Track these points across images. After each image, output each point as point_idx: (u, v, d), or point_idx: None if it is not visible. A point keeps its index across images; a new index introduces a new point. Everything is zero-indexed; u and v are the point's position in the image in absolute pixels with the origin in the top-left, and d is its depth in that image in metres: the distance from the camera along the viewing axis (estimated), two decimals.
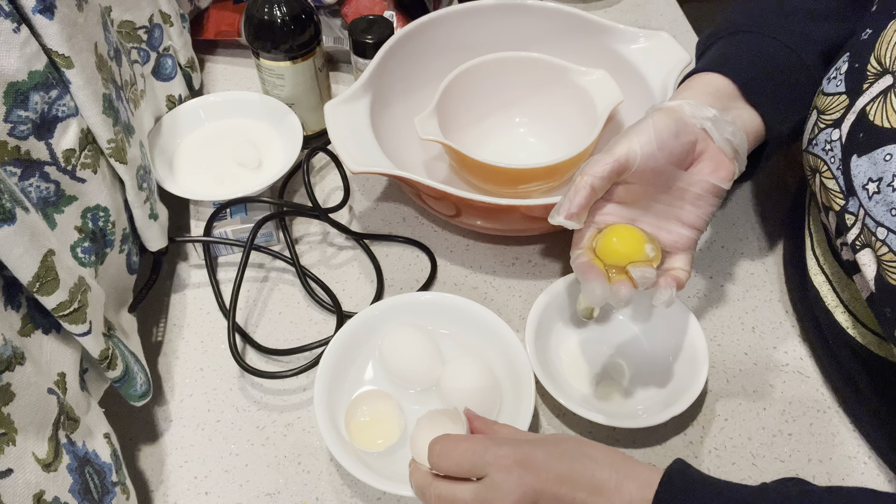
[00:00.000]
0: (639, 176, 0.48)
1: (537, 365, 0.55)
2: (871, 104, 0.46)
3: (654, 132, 0.47)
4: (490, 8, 0.74)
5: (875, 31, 0.48)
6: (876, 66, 0.47)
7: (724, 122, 0.49)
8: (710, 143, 0.49)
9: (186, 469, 0.56)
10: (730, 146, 0.49)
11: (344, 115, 0.65)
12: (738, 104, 0.52)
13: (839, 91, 0.50)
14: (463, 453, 0.44)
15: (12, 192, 0.40)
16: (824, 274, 0.57)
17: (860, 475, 0.55)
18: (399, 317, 0.59)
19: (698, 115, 0.49)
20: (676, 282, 0.48)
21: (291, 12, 0.68)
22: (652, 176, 0.48)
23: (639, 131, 0.48)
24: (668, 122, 0.48)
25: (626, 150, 0.47)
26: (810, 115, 0.53)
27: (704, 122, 0.49)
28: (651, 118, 0.48)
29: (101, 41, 0.54)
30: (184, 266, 0.69)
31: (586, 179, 0.47)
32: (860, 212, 0.46)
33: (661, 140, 0.47)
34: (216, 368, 0.62)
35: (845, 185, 0.48)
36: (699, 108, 0.49)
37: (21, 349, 0.40)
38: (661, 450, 0.56)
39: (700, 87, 0.52)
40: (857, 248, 0.47)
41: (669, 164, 0.48)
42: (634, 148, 0.47)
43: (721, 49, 0.56)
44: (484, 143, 0.75)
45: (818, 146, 0.51)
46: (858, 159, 0.46)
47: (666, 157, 0.48)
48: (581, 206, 0.47)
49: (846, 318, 0.54)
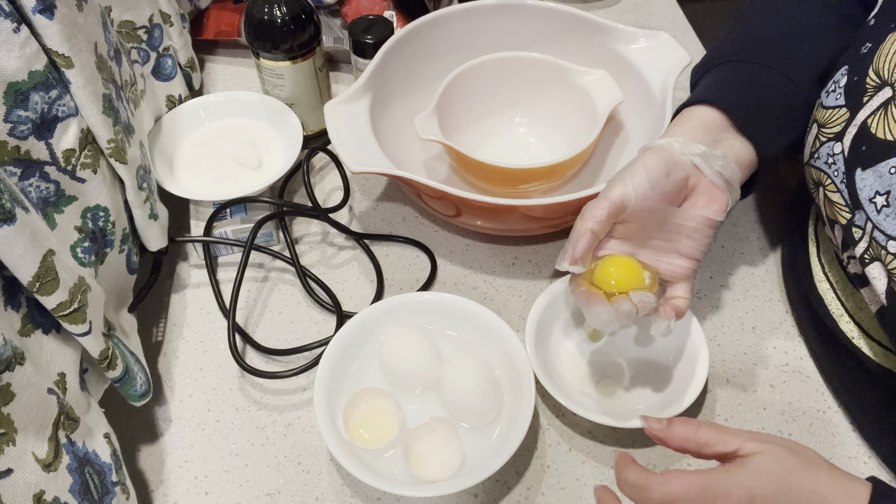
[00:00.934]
0: (635, 215, 0.50)
1: (537, 365, 0.55)
2: (872, 117, 0.46)
3: (646, 173, 0.49)
4: (490, 8, 0.74)
5: (874, 45, 0.48)
6: (875, 79, 0.47)
7: (714, 157, 0.50)
8: (702, 178, 0.50)
9: (186, 469, 0.56)
10: (721, 179, 0.50)
11: (344, 115, 0.65)
12: (729, 135, 0.53)
13: (839, 104, 0.50)
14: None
15: (12, 192, 0.40)
16: (829, 282, 0.57)
17: (860, 475, 0.54)
18: (399, 317, 0.59)
19: (687, 151, 0.50)
20: (676, 311, 0.49)
21: (291, 12, 0.68)
22: (647, 214, 0.50)
23: (631, 173, 0.49)
24: (659, 162, 0.49)
25: (621, 193, 0.49)
26: (811, 129, 0.53)
27: (694, 158, 0.50)
28: (642, 160, 0.50)
29: (101, 41, 0.54)
30: (184, 266, 0.69)
31: (587, 225, 0.49)
32: (867, 225, 0.46)
33: (653, 180, 0.49)
34: (216, 368, 0.62)
35: (850, 199, 0.48)
36: (688, 146, 0.50)
37: (21, 349, 0.40)
38: (661, 450, 0.56)
39: (691, 122, 0.53)
40: (867, 261, 0.47)
41: (663, 202, 0.50)
42: (628, 190, 0.49)
43: (712, 79, 0.57)
44: (484, 143, 0.75)
45: (820, 160, 0.51)
46: (863, 172, 0.46)
47: (659, 196, 0.49)
48: (584, 251, 0.49)
49: (852, 327, 0.54)
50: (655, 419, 0.45)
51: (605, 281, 0.49)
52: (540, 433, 0.57)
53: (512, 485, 0.55)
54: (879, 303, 0.46)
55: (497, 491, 0.54)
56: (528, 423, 0.51)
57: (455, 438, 0.52)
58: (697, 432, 0.43)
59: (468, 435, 0.54)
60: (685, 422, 0.44)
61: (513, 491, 0.54)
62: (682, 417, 0.45)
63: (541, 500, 0.54)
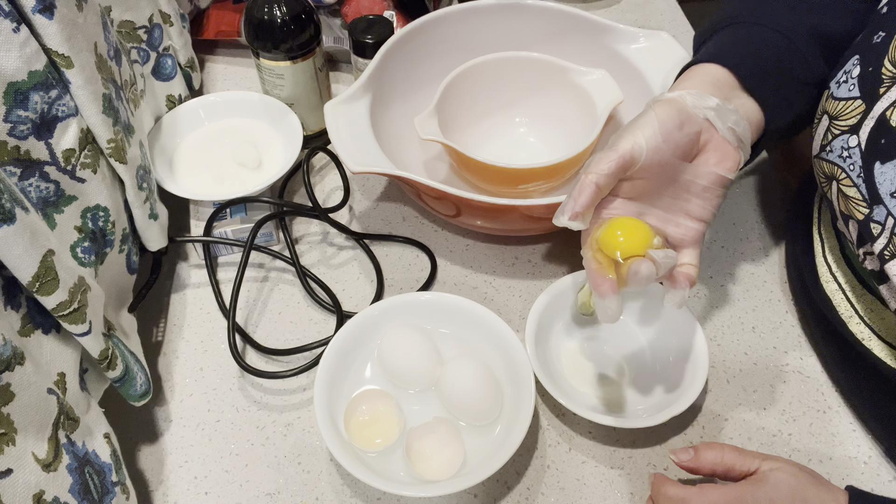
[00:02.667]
0: (644, 171, 0.47)
1: (537, 365, 0.55)
2: (892, 109, 0.45)
3: (658, 124, 0.46)
4: (490, 8, 0.74)
5: (888, 34, 0.47)
6: (892, 69, 0.46)
7: (728, 111, 0.48)
8: (714, 134, 0.48)
9: (186, 469, 0.56)
10: (734, 135, 0.48)
11: (344, 115, 0.65)
12: (737, 94, 0.51)
13: (853, 96, 0.48)
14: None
15: (12, 192, 0.40)
16: (837, 282, 0.56)
17: (860, 475, 0.55)
18: (399, 317, 0.59)
19: (701, 104, 0.48)
20: (689, 279, 0.47)
21: (291, 12, 0.68)
22: (658, 170, 0.47)
23: (642, 125, 0.47)
24: (672, 114, 0.47)
25: (631, 145, 0.46)
26: (821, 121, 0.52)
27: (707, 112, 0.47)
28: (653, 111, 0.47)
29: (101, 41, 0.54)
30: (184, 266, 0.69)
31: (591, 178, 0.46)
32: (888, 221, 0.45)
33: (666, 132, 0.46)
34: (216, 368, 0.62)
35: (868, 194, 0.46)
36: (701, 98, 0.48)
37: (21, 349, 0.40)
38: (661, 450, 0.56)
39: (699, 77, 0.51)
40: (886, 258, 0.45)
41: (675, 157, 0.47)
42: (640, 142, 0.46)
43: (719, 40, 0.55)
44: (484, 143, 0.75)
45: (833, 153, 0.50)
46: (882, 166, 0.45)
47: (671, 150, 0.47)
48: (586, 206, 0.46)
49: (862, 328, 0.53)
50: (682, 450, 0.49)
51: (612, 245, 0.46)
52: (540, 433, 0.57)
53: (512, 485, 0.55)
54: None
55: (497, 491, 0.54)
56: (528, 423, 0.51)
57: (457, 438, 0.52)
58: (723, 456, 0.47)
59: (468, 435, 0.54)
60: (708, 447, 0.47)
61: (513, 491, 0.54)
62: (705, 443, 0.48)
63: (541, 500, 0.54)
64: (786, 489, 0.44)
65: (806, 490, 0.44)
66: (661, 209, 0.49)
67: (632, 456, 0.56)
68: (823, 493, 0.45)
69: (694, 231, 0.49)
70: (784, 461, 0.46)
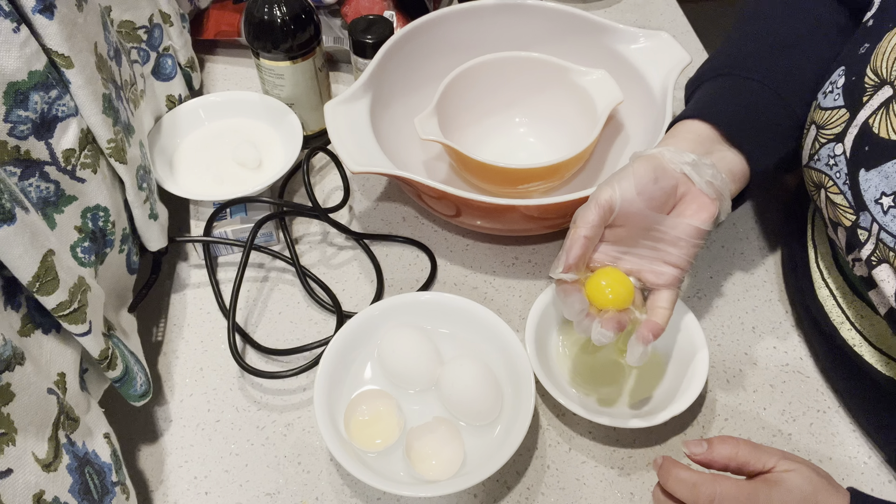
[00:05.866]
0: (622, 219, 0.50)
1: (537, 365, 0.55)
2: (874, 116, 0.46)
3: (634, 178, 0.49)
4: (490, 8, 0.74)
5: (872, 45, 0.48)
6: (874, 78, 0.47)
7: (704, 166, 0.50)
8: (692, 187, 0.51)
9: (186, 469, 0.56)
10: (712, 188, 0.50)
11: (344, 115, 0.65)
12: (721, 146, 0.53)
13: (838, 105, 0.50)
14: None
15: (12, 192, 0.40)
16: (829, 288, 0.56)
17: (860, 475, 0.55)
18: (399, 317, 0.59)
19: (677, 160, 0.50)
20: (653, 331, 0.49)
21: (291, 12, 0.68)
22: (634, 219, 0.50)
23: (620, 178, 0.50)
24: (648, 169, 0.50)
25: (609, 196, 0.49)
26: (809, 131, 0.53)
27: (684, 167, 0.50)
28: (632, 166, 0.50)
29: (101, 41, 0.54)
30: (184, 266, 0.69)
31: (580, 231, 0.49)
32: (874, 227, 0.46)
33: (640, 185, 0.49)
34: (216, 368, 0.62)
35: (854, 201, 0.47)
36: (678, 154, 0.50)
37: (21, 349, 0.40)
38: (660, 450, 0.56)
39: (683, 133, 0.54)
40: (874, 263, 0.46)
41: (650, 209, 0.50)
42: (615, 194, 0.49)
43: (704, 93, 0.58)
44: (484, 143, 0.75)
45: (821, 161, 0.51)
46: (867, 173, 0.46)
47: (645, 202, 0.49)
48: (578, 258, 0.49)
49: (853, 335, 0.54)
50: (695, 443, 0.47)
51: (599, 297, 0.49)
52: (540, 433, 0.57)
53: (512, 485, 0.55)
54: (888, 305, 0.46)
55: (497, 491, 0.54)
56: (528, 423, 0.51)
57: (457, 438, 0.52)
58: (738, 452, 0.46)
59: (468, 435, 0.54)
60: (723, 441, 0.46)
61: (513, 491, 0.54)
62: (720, 437, 0.46)
63: (541, 500, 0.54)
64: (798, 495, 0.43)
65: (818, 496, 0.44)
66: (638, 256, 0.52)
67: (632, 456, 0.56)
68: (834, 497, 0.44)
69: (668, 276, 0.51)
70: (801, 462, 0.45)
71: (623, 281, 0.50)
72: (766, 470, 0.45)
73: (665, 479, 0.46)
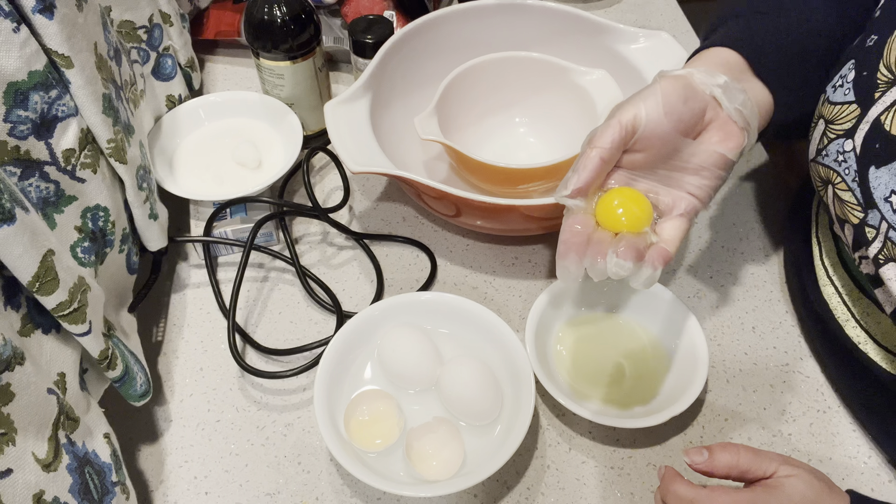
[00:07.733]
0: (644, 143, 0.46)
1: (537, 365, 0.55)
2: (886, 113, 0.45)
3: (662, 97, 0.45)
4: (490, 8, 0.74)
5: (881, 38, 0.47)
6: (887, 74, 0.46)
7: (735, 90, 0.47)
8: (720, 112, 0.47)
9: (186, 469, 0.56)
10: (740, 116, 0.47)
11: (344, 115, 0.65)
12: (748, 78, 0.50)
13: (848, 100, 0.48)
14: None
15: (12, 192, 0.40)
16: (834, 286, 0.56)
17: (860, 475, 0.55)
18: (399, 317, 0.59)
19: (708, 81, 0.46)
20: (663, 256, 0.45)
21: (291, 12, 0.68)
22: (658, 143, 0.46)
23: (645, 96, 0.46)
24: (677, 88, 0.46)
25: (633, 116, 0.45)
26: (817, 125, 0.52)
27: (714, 90, 0.46)
28: (658, 83, 0.46)
29: (101, 41, 0.54)
30: (184, 266, 0.69)
31: (596, 151, 0.44)
32: (882, 225, 0.45)
33: (669, 105, 0.45)
34: (216, 368, 0.62)
35: (863, 198, 0.46)
36: (709, 75, 0.47)
37: (21, 349, 0.40)
38: (661, 450, 0.56)
39: (710, 58, 0.50)
40: (881, 262, 0.45)
41: (676, 132, 0.46)
42: (640, 113, 0.45)
43: (729, 28, 0.54)
44: (484, 143, 0.75)
45: (829, 157, 0.50)
46: (877, 171, 0.45)
47: (673, 124, 0.45)
48: (590, 181, 0.45)
49: (858, 332, 0.53)
50: (696, 451, 0.45)
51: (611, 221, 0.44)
52: (540, 433, 0.57)
53: (512, 485, 0.55)
54: (894, 304, 0.46)
55: (497, 491, 0.54)
56: (528, 423, 0.51)
57: (457, 438, 0.52)
58: (739, 459, 0.45)
59: (468, 435, 0.54)
60: (723, 449, 0.45)
61: (513, 491, 0.54)
62: (720, 444, 0.45)
63: (541, 500, 0.54)
64: (799, 499, 0.42)
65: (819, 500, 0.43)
66: (656, 181, 0.48)
67: (632, 456, 0.56)
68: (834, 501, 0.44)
69: (687, 201, 0.47)
70: (801, 467, 0.44)
71: (639, 200, 0.45)
72: (767, 476, 0.44)
73: (664, 495, 0.45)
